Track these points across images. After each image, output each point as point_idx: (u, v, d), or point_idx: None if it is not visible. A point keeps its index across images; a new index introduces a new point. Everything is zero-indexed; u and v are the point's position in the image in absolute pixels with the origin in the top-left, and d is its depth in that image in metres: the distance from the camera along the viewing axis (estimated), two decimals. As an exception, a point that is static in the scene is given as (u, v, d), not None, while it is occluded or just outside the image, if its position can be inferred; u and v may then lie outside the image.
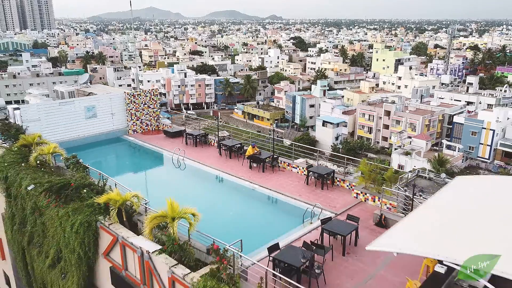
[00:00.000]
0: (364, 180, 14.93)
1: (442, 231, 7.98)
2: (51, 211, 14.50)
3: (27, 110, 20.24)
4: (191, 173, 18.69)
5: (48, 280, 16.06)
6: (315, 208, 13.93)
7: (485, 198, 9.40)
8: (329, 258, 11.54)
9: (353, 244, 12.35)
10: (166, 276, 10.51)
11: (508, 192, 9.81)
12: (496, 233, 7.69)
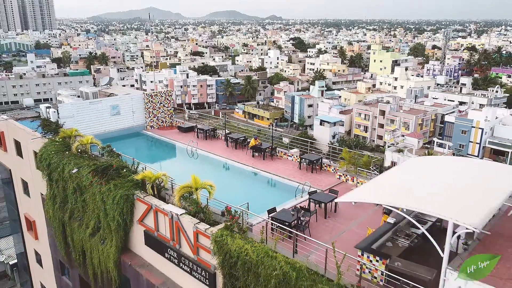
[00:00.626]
0: (345, 164, 18.48)
1: (385, 188, 11.51)
2: (93, 188, 18.02)
3: (63, 108, 23.82)
4: (203, 161, 22.23)
5: (87, 247, 19.57)
6: (305, 186, 17.47)
7: (427, 168, 12.96)
8: (314, 219, 15.09)
9: (333, 211, 15.91)
10: (192, 231, 14.06)
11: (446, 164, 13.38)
12: (426, 188, 11.22)
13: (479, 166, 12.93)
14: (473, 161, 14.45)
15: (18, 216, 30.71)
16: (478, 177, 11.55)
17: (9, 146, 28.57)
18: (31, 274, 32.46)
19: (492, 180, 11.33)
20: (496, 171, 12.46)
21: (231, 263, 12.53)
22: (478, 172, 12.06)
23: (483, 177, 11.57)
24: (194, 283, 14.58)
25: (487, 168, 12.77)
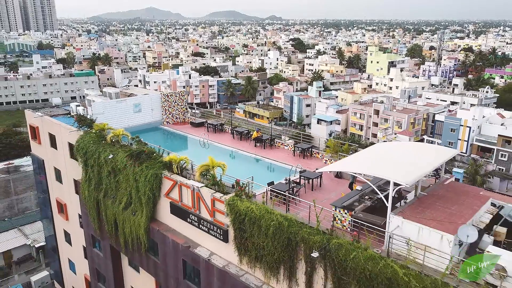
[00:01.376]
0: (330, 151, 22.81)
1: (352, 162, 15.81)
2: (127, 170, 22.36)
3: (95, 106, 28.19)
4: (214, 149, 26.52)
5: (120, 219, 23.90)
6: (297, 168, 21.82)
7: (386, 150, 17.29)
8: (303, 191, 19.43)
9: (319, 186, 20.28)
10: (209, 199, 18.42)
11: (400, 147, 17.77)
12: (380, 161, 15.56)
13: (423, 147, 17.30)
14: (420, 144, 18.91)
15: (49, 201, 35.05)
16: (419, 155, 15.87)
17: (43, 139, 32.91)
18: (59, 253, 36.79)
19: (428, 156, 15.66)
20: (434, 150, 16.82)
21: (240, 220, 16.90)
22: (421, 151, 16.41)
23: (423, 155, 15.90)
24: (210, 239, 18.96)
25: (428, 149, 17.13)
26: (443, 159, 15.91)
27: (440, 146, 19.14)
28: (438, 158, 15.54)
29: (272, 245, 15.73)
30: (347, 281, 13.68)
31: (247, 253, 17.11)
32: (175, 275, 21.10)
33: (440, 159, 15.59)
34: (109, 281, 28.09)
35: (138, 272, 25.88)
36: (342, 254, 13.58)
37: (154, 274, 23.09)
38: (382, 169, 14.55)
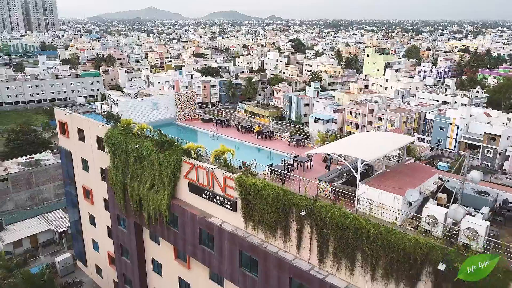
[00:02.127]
0: (319, 141, 27.61)
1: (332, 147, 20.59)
2: (152, 156, 27.10)
3: (121, 104, 32.98)
4: (222, 141, 31.21)
5: (144, 198, 28.65)
6: (292, 155, 26.60)
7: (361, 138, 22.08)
8: (296, 172, 24.21)
9: (309, 168, 25.08)
10: (221, 177, 23.20)
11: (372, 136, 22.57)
12: (354, 145, 20.39)
13: (388, 136, 22.13)
14: (387, 134, 23.76)
15: (75, 188, 39.82)
16: (383, 141, 20.67)
17: (71, 134, 37.69)
18: (83, 235, 41.55)
19: (389, 142, 20.48)
20: (396, 138, 21.68)
21: (246, 192, 21.69)
22: (386, 139, 21.21)
23: (386, 141, 20.72)
24: (222, 210, 23.76)
25: (391, 137, 21.98)
26: (401, 144, 20.79)
27: (401, 135, 24.04)
28: (397, 144, 20.40)
29: (271, 210, 20.54)
30: (326, 232, 18.49)
31: (252, 218, 21.92)
32: (192, 242, 25.89)
33: (398, 144, 20.45)
34: (132, 254, 32.88)
35: (158, 244, 30.68)
36: (323, 213, 18.39)
37: (174, 243, 27.87)
38: (352, 150, 19.40)
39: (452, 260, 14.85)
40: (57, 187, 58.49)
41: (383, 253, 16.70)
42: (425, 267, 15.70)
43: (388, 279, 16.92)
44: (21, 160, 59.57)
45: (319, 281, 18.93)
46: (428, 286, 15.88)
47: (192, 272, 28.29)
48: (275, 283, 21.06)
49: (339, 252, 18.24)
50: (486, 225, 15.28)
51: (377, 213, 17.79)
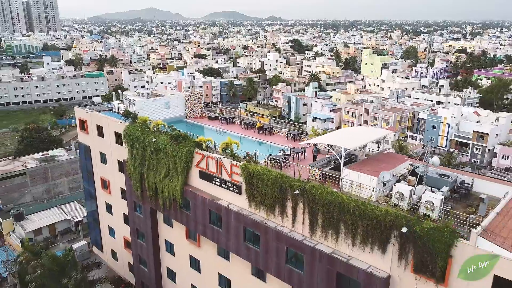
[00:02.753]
0: (312, 136, 31.72)
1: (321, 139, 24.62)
2: (167, 149, 31.15)
3: (137, 103, 37.07)
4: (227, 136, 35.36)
5: (160, 186, 32.69)
6: (289, 147, 30.69)
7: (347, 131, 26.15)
8: (292, 160, 28.32)
9: (303, 158, 29.18)
10: (229, 165, 27.28)
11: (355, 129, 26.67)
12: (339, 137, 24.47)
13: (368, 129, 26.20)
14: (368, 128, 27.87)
15: (93, 180, 43.89)
16: (364, 134, 24.75)
17: (90, 130, 41.75)
18: (99, 222, 45.61)
19: (369, 135, 24.57)
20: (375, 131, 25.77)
21: (250, 177, 25.76)
22: (366, 132, 25.28)
23: (366, 134, 24.79)
24: (229, 193, 27.82)
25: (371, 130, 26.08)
26: (377, 136, 24.95)
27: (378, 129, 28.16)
28: (374, 136, 24.56)
29: (271, 191, 24.62)
30: (316, 208, 22.58)
31: (254, 199, 26.00)
32: (203, 222, 29.95)
33: (375, 136, 24.60)
34: (147, 237, 36.96)
35: (171, 227, 34.77)
36: (313, 192, 22.47)
37: (186, 224, 31.95)
38: (337, 141, 23.52)
39: (412, 225, 18.94)
40: (71, 181, 62.57)
41: (360, 223, 20.79)
42: (393, 232, 19.79)
43: (365, 244, 21.01)
44: (37, 156, 63.66)
45: (310, 248, 23.02)
46: (396, 247, 19.97)
47: (201, 250, 32.39)
48: (274, 253, 25.15)
49: (326, 224, 22.33)
50: (440, 199, 19.38)
51: (356, 191, 21.89)
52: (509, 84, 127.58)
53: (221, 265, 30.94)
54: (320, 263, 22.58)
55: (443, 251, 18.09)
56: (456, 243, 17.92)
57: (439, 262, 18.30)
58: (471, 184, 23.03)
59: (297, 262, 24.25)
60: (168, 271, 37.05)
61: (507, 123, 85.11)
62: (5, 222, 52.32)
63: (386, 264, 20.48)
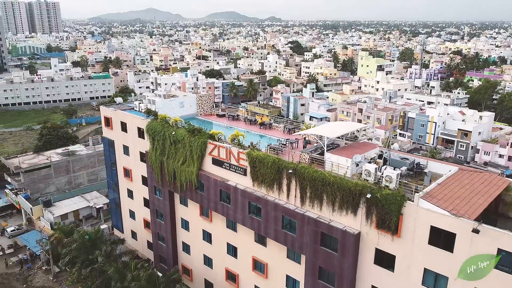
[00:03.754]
0: (304, 129, 38.45)
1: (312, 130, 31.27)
2: (184, 140, 37.82)
3: (157, 103, 43.76)
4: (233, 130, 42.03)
5: (178, 171, 39.35)
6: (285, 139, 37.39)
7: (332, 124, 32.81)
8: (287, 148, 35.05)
9: (297, 147, 35.89)
10: (236, 152, 33.94)
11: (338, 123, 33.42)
12: (324, 129, 31.16)
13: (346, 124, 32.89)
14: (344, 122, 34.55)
15: (116, 169, 50.52)
16: (344, 127, 31.41)
17: (115, 126, 48.36)
18: (121, 207, 52.21)
19: (347, 127, 31.25)
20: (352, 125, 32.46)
21: (253, 161, 32.45)
22: (345, 125, 31.97)
23: (345, 127, 31.48)
24: (236, 175, 34.49)
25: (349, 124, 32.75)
26: (355, 128, 31.69)
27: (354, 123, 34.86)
28: (350, 128, 31.33)
29: (270, 172, 31.28)
30: (305, 183, 29.23)
31: (257, 179, 32.65)
32: (214, 200, 36.61)
33: (351, 129, 31.38)
34: (165, 216, 43.61)
35: (187, 206, 41.43)
36: (303, 171, 29.13)
37: (200, 202, 38.60)
38: (321, 132, 30.26)
39: (375, 192, 25.60)
40: (90, 173, 69.19)
41: (338, 193, 27.46)
42: (361, 198, 26.46)
43: (341, 209, 27.68)
44: (59, 151, 70.27)
45: (301, 215, 29.68)
46: (363, 210, 26.63)
47: (212, 224, 39.08)
48: (272, 221, 31.81)
49: (313, 195, 29.01)
50: (396, 174, 26.07)
51: (335, 170, 28.57)
52: (496, 85, 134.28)
53: (229, 236, 37.62)
54: (308, 226, 29.26)
55: (396, 210, 24.78)
56: (404, 204, 24.61)
57: (393, 219, 25.00)
58: (425, 165, 29.73)
59: (290, 227, 30.93)
60: (183, 245, 43.71)
61: (489, 121, 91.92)
62: (35, 208, 59.03)
63: (357, 223, 27.18)
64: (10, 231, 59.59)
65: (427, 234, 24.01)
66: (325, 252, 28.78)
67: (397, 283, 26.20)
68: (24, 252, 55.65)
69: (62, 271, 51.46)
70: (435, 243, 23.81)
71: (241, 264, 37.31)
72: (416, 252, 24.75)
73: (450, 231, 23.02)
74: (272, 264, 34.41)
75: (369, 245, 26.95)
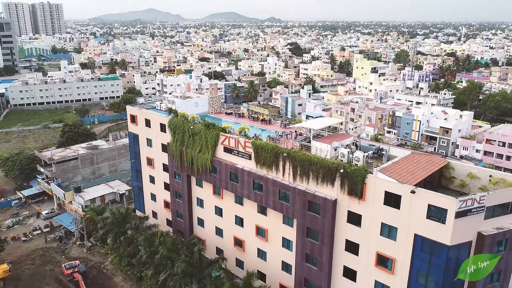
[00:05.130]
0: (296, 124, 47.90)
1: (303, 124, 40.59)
2: (201, 132, 47.21)
3: (177, 103, 53.16)
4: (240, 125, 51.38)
5: (195, 158, 48.77)
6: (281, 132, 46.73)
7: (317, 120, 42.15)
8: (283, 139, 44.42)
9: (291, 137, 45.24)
10: (243, 142, 43.38)
11: (319, 119, 42.77)
12: (309, 123, 40.52)
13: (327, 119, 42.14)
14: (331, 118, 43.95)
15: (139, 159, 59.82)
16: (325, 121, 40.66)
17: (139, 122, 57.69)
18: (143, 191, 61.54)
19: (328, 121, 40.52)
20: (332, 120, 41.75)
21: (257, 148, 41.88)
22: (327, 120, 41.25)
23: (326, 121, 40.71)
24: (243, 160, 43.91)
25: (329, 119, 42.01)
26: (334, 122, 41.06)
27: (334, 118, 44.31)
28: (331, 122, 40.70)
29: (270, 155, 40.67)
30: (296, 164, 38.63)
31: (259, 162, 42.02)
32: (225, 180, 45.97)
33: (332, 122, 40.75)
34: (183, 196, 52.96)
35: (202, 187, 50.80)
36: (295, 154, 38.52)
37: (213, 183, 47.96)
38: (308, 125, 39.70)
39: (346, 168, 34.97)
40: (111, 165, 78.57)
41: (320, 170, 36.80)
42: (337, 173, 35.82)
43: (323, 182, 37.02)
44: (84, 145, 79.69)
45: (293, 188, 39.03)
46: (339, 182, 36.00)
47: (223, 201, 48.44)
48: (271, 194, 41.17)
49: (302, 173, 38.36)
50: (362, 155, 35.45)
51: (319, 153, 37.96)
52: (481, 87, 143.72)
53: (237, 209, 46.99)
54: (298, 196, 38.63)
55: (361, 180, 34.15)
56: (367, 176, 34.01)
57: (359, 187, 34.36)
58: (387, 150, 39.13)
59: (285, 198, 40.32)
60: (198, 219, 53.09)
61: (468, 120, 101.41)
62: (67, 194, 68.47)
63: (334, 192, 36.56)
64: (45, 214, 68.99)
65: (383, 197, 33.37)
66: (311, 215, 38.19)
67: (363, 235, 35.60)
68: (59, 230, 65.06)
69: (94, 246, 60.92)
70: (388, 203, 33.17)
71: (246, 232, 46.71)
72: (376, 211, 34.15)
73: (397, 194, 32.41)
74: (271, 229, 43.80)
75: (343, 208, 36.36)
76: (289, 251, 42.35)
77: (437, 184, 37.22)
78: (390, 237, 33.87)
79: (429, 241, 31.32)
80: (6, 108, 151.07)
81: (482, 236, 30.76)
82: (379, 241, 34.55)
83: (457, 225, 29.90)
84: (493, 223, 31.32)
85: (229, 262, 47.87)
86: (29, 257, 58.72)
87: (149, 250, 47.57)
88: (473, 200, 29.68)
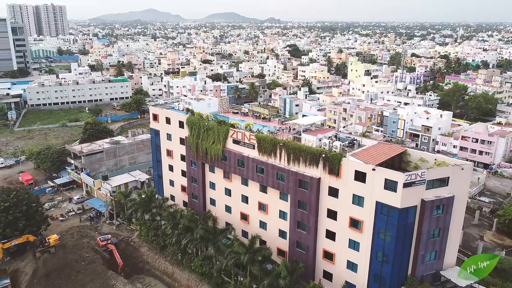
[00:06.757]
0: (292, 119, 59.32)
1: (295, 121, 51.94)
2: (214, 127, 58.68)
3: (193, 104, 64.63)
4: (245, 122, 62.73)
5: (209, 149, 60.29)
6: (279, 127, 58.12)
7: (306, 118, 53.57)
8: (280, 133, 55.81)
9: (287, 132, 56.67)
10: (248, 135, 54.87)
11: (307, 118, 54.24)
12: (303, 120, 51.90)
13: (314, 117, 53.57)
14: (315, 116, 55.50)
15: (160, 151, 71.22)
16: (312, 119, 52.04)
17: (160, 120, 69.09)
18: (163, 178, 72.92)
19: (314, 119, 51.95)
20: (319, 118, 53.17)
21: (260, 140, 53.38)
22: (314, 118, 52.58)
23: (313, 119, 52.19)
24: (248, 149, 55.41)
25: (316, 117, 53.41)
26: (318, 120, 52.53)
27: (319, 116, 55.91)
28: (317, 119, 52.19)
29: (269, 145, 52.18)
30: (290, 151, 50.11)
31: (261, 150, 53.52)
32: (234, 166, 57.42)
33: (316, 120, 52.24)
34: (198, 180, 64.43)
35: (214, 172, 62.28)
36: (289, 144, 50.03)
37: (224, 168, 59.42)
38: (299, 121, 51.23)
39: (327, 153, 46.43)
40: (130, 158, 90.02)
41: (308, 156, 48.26)
42: (320, 157, 47.30)
43: (310, 165, 48.45)
44: (107, 140, 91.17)
45: (288, 170, 50.46)
46: (322, 164, 47.45)
47: (231, 184, 59.90)
48: (271, 175, 52.63)
49: (294, 158, 49.79)
50: (339, 144, 46.95)
51: (307, 143, 49.42)
52: (465, 89, 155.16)
53: (243, 189, 58.45)
54: (291, 176, 50.09)
55: (338, 162, 45.61)
56: (342, 159, 45.51)
57: (337, 167, 45.82)
58: (359, 141, 50.59)
59: (281, 178, 51.76)
60: (211, 200, 64.55)
61: (448, 119, 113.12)
62: (96, 181, 79.95)
63: (318, 172, 48.02)
64: (76, 199, 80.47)
65: (353, 174, 44.85)
66: (301, 191, 49.68)
67: (340, 204, 47.08)
68: (90, 212, 76.53)
69: (121, 224, 72.43)
70: (357, 179, 44.61)
71: (250, 207, 58.19)
72: (348, 185, 45.61)
73: (363, 171, 43.90)
74: (270, 204, 55.27)
75: (325, 184, 47.84)
76: (284, 220, 53.81)
77: (398, 166, 48.70)
78: (359, 205, 45.35)
79: (386, 206, 42.82)
80: (24, 108, 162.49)
81: (424, 201, 42.31)
82: (351, 208, 46.04)
83: (405, 193, 41.42)
84: (433, 192, 42.85)
85: (236, 233, 59.37)
86: (68, 232, 70.19)
87: (172, 222, 59.05)
88: (416, 175, 41.22)
